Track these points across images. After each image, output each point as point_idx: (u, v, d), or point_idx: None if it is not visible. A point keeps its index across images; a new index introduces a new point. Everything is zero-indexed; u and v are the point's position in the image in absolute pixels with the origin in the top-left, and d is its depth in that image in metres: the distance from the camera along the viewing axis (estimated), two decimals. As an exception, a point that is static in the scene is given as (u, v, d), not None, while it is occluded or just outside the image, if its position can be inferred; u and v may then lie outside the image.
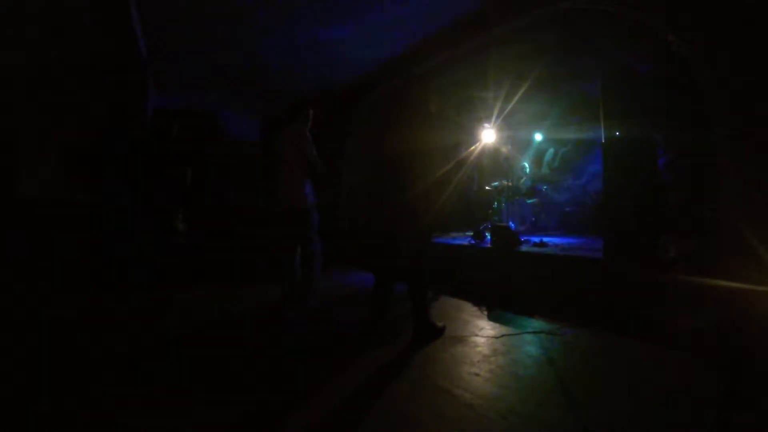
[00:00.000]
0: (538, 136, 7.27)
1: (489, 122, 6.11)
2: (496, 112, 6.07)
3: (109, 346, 2.89)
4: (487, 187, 6.50)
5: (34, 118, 5.68)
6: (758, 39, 2.67)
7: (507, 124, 6.47)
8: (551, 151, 7.04)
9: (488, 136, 6.05)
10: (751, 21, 2.71)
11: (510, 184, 6.07)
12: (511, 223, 5.71)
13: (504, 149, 6.54)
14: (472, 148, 6.17)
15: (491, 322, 3.34)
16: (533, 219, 6.31)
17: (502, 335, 3.00)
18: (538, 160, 7.20)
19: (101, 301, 4.10)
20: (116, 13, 4.19)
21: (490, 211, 6.29)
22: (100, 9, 4.18)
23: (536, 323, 3.27)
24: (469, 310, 3.74)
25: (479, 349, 2.73)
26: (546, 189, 6.66)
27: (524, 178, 6.58)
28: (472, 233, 5.34)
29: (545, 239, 4.88)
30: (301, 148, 3.41)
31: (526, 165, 6.87)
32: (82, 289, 4.45)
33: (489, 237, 4.93)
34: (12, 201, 5.30)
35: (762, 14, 2.65)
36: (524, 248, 4.50)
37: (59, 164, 5.18)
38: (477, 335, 3.01)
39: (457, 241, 5.45)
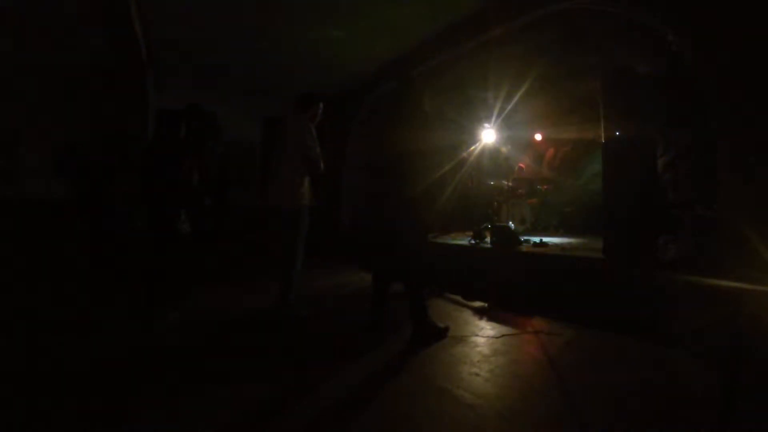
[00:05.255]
0: (538, 136, 7.27)
1: (489, 122, 6.11)
2: (496, 112, 6.07)
3: (109, 346, 2.89)
4: (489, 183, 6.50)
5: (36, 119, 5.69)
6: (758, 39, 2.67)
7: (507, 124, 6.47)
8: (551, 151, 7.05)
9: (488, 136, 6.05)
10: (750, 20, 2.71)
11: (510, 184, 6.07)
12: (511, 223, 5.71)
13: (504, 149, 6.54)
14: (472, 148, 6.18)
15: (491, 322, 3.34)
16: (533, 219, 6.30)
17: (502, 335, 3.00)
18: (538, 160, 7.21)
19: (102, 302, 4.10)
20: (116, 14, 4.19)
21: (490, 211, 6.29)
22: (101, 9, 4.18)
23: (536, 323, 3.27)
24: (468, 310, 3.74)
25: (479, 349, 2.73)
26: (546, 189, 6.66)
27: (514, 179, 6.56)
28: (472, 233, 5.34)
29: (545, 239, 4.88)
30: (303, 143, 3.22)
31: (523, 167, 6.87)
32: (82, 290, 4.46)
33: (489, 237, 4.93)
34: (12, 201, 5.30)
35: (761, 14, 2.65)
36: (524, 248, 4.50)
37: (59, 165, 5.18)
38: (477, 335, 3.01)
39: (457, 241, 5.44)
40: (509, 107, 5.97)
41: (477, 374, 2.31)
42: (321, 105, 3.48)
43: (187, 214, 3.57)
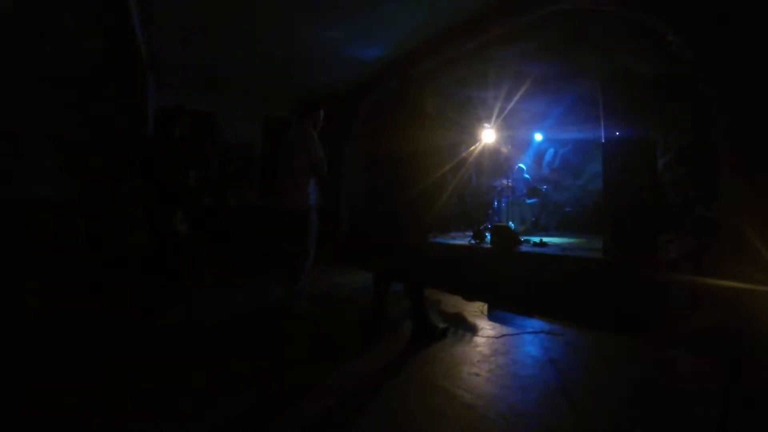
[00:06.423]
0: (538, 136, 7.27)
1: (489, 122, 6.11)
2: (496, 112, 6.07)
3: (109, 346, 2.89)
4: (491, 184, 6.50)
5: (35, 119, 5.69)
6: (758, 39, 2.67)
7: (507, 124, 6.47)
8: (551, 151, 7.05)
9: (488, 136, 6.05)
10: (751, 21, 2.71)
11: (510, 184, 6.08)
12: (511, 223, 5.71)
13: (504, 149, 6.55)
14: (472, 148, 6.18)
15: (491, 322, 3.34)
16: (533, 219, 6.31)
17: (502, 335, 3.00)
18: (538, 160, 7.21)
19: (101, 302, 4.10)
20: (116, 13, 4.19)
21: (490, 211, 6.29)
22: (100, 9, 4.18)
23: (536, 323, 3.27)
24: (469, 310, 3.74)
25: (479, 349, 2.73)
26: (546, 189, 6.66)
27: (513, 179, 6.55)
28: (472, 233, 5.34)
29: (545, 239, 4.89)
30: (307, 148, 3.41)
31: (523, 167, 6.87)
32: (81, 290, 4.45)
33: (489, 237, 4.94)
34: (12, 201, 5.30)
35: (762, 14, 2.65)
36: (524, 248, 4.50)
37: (59, 165, 5.18)
38: (477, 335, 3.01)
39: (457, 241, 5.45)
40: (509, 107, 5.97)
41: (477, 374, 2.31)
42: (322, 112, 3.66)
43: (185, 213, 3.58)
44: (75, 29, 4.69)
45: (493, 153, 6.77)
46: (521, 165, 6.92)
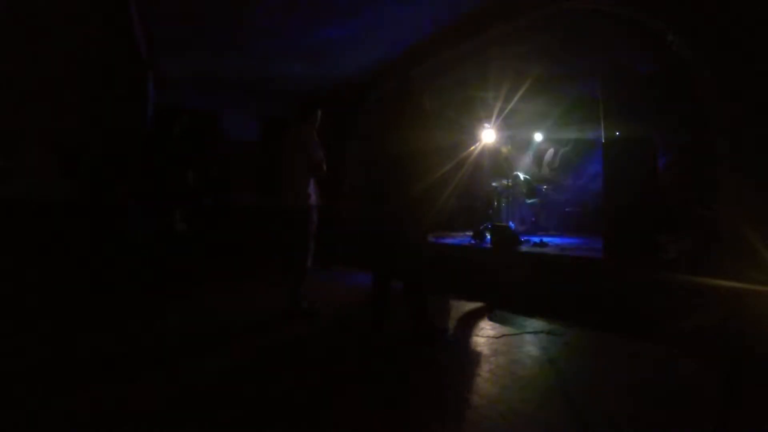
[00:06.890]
0: (538, 136, 7.26)
1: (489, 122, 6.11)
2: (496, 112, 6.07)
3: (108, 346, 2.89)
4: (492, 184, 6.49)
5: (34, 118, 5.68)
6: (758, 39, 2.67)
7: (507, 124, 6.47)
8: (551, 151, 7.04)
9: (488, 136, 6.05)
10: (750, 21, 2.71)
11: (510, 184, 6.08)
12: (511, 223, 5.71)
13: (504, 149, 6.54)
14: (472, 148, 6.17)
15: (491, 322, 3.33)
16: (533, 219, 6.30)
17: (502, 335, 3.00)
18: (538, 160, 7.20)
19: (100, 302, 4.10)
20: (116, 13, 4.19)
21: (490, 211, 6.29)
22: (101, 9, 4.19)
23: (536, 323, 3.27)
24: (468, 310, 3.74)
25: (479, 349, 2.73)
26: (546, 189, 6.66)
27: (516, 184, 6.52)
28: (472, 233, 5.34)
29: (545, 239, 4.89)
30: (306, 148, 3.44)
31: (520, 174, 6.85)
32: (80, 290, 4.45)
33: (489, 237, 4.94)
34: (12, 201, 5.29)
35: (761, 15, 2.65)
36: (524, 248, 4.50)
37: (59, 165, 5.18)
38: (477, 335, 3.01)
39: (457, 241, 5.45)
40: (509, 107, 5.97)
41: (477, 374, 2.31)
42: (319, 112, 3.68)
43: (183, 213, 3.58)
44: (75, 29, 4.69)
45: (493, 153, 6.77)
46: (518, 173, 6.89)
